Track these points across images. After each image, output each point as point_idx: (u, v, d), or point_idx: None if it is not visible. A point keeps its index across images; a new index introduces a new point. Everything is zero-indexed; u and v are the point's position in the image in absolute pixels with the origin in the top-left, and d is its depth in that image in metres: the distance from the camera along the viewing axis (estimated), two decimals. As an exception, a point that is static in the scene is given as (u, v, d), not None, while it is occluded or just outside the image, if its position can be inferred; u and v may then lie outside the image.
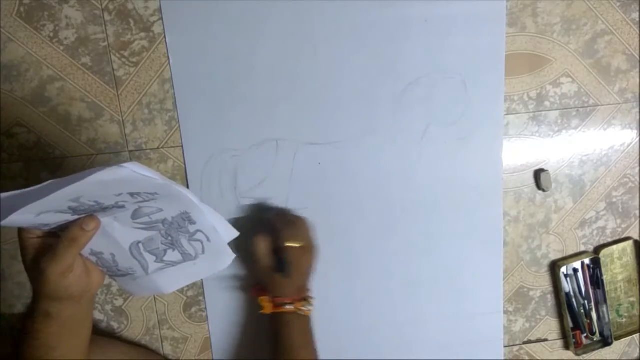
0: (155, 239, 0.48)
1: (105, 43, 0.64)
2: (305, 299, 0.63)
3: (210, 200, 0.68)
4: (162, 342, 0.73)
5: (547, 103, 0.71)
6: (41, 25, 0.63)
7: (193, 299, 0.72)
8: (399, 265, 0.73)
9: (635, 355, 0.83)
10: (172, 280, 0.52)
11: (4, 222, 0.40)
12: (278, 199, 0.69)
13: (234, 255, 0.52)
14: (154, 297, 0.72)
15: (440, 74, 0.68)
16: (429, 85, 0.68)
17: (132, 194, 0.43)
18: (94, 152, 0.67)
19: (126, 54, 0.65)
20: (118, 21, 0.64)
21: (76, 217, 0.44)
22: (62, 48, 0.64)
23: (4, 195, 0.40)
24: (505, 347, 0.79)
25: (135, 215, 0.46)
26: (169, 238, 0.48)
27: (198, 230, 0.48)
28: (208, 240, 0.49)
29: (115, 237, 0.47)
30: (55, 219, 0.44)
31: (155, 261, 0.49)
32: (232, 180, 0.68)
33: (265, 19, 0.65)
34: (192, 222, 0.47)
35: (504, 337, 0.78)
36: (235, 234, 0.52)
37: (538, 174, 0.73)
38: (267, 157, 0.68)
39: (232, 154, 0.67)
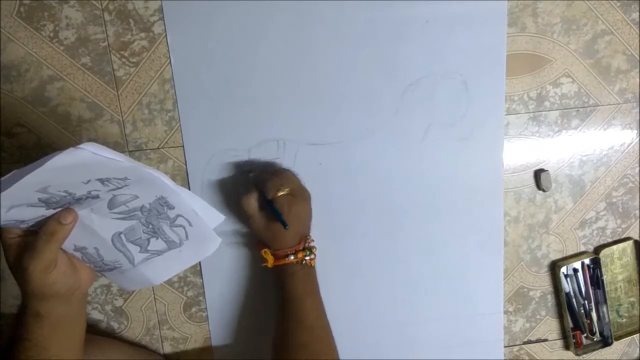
0: (137, 228, 0.47)
1: (105, 43, 0.64)
2: (307, 248, 0.62)
3: (210, 200, 0.68)
4: (162, 342, 0.73)
5: (547, 103, 0.71)
6: (41, 25, 0.63)
7: (193, 299, 0.72)
8: (399, 265, 0.73)
9: (635, 355, 0.83)
10: (159, 270, 0.51)
11: None
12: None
13: (219, 240, 0.51)
14: (154, 297, 0.72)
15: (441, 74, 0.68)
16: (429, 85, 0.68)
17: (101, 181, 0.42)
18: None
19: (126, 54, 0.65)
20: (118, 21, 0.64)
21: (52, 211, 0.43)
22: (62, 48, 0.64)
23: None
24: (505, 347, 0.79)
25: (111, 205, 0.45)
26: (150, 226, 0.47)
27: (178, 215, 0.47)
28: (190, 224, 0.48)
29: (95, 229, 0.46)
30: (30, 214, 0.43)
31: (140, 252, 0.48)
32: (233, 180, 0.68)
33: (266, 19, 0.64)
34: (171, 207, 0.46)
35: (504, 337, 0.78)
36: (220, 217, 0.50)
37: (538, 174, 0.73)
38: (268, 157, 0.68)
39: (233, 154, 0.67)
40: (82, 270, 0.48)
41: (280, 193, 0.59)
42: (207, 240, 0.50)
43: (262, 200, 0.60)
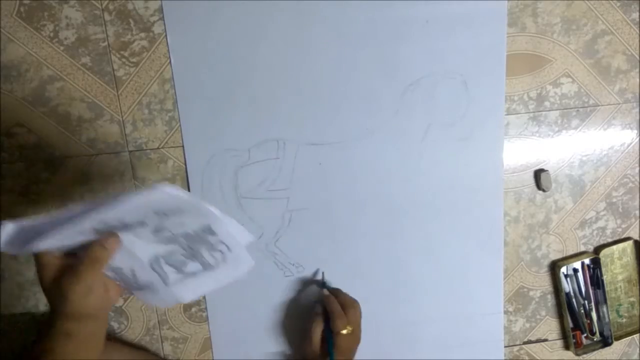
0: (176, 252, 0.47)
1: (105, 43, 0.64)
2: None
3: (210, 200, 0.68)
4: (162, 342, 0.73)
5: (547, 103, 0.71)
6: (41, 25, 0.63)
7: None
8: (400, 265, 0.73)
9: (635, 356, 0.83)
10: (191, 289, 0.51)
11: (30, 249, 0.40)
12: (279, 199, 0.69)
13: (253, 262, 0.51)
14: (154, 297, 0.72)
15: (441, 74, 0.68)
16: (429, 85, 0.68)
17: (156, 212, 0.42)
18: (94, 152, 0.67)
19: (126, 54, 0.65)
20: (118, 21, 0.64)
21: (98, 236, 0.44)
22: (62, 48, 0.64)
23: (29, 221, 0.40)
24: (505, 347, 0.79)
25: (156, 231, 0.45)
26: (190, 250, 0.48)
27: (219, 241, 0.48)
28: (229, 249, 0.49)
29: (135, 252, 0.46)
30: (76, 239, 0.43)
31: (175, 273, 0.49)
32: (233, 180, 0.68)
33: (266, 19, 0.64)
34: (213, 234, 0.47)
35: (504, 337, 0.78)
36: (250, 238, 0.51)
37: (538, 174, 0.73)
38: (268, 157, 0.68)
39: (233, 154, 0.67)
40: (112, 289, 0.49)
41: (344, 331, 0.63)
42: (241, 263, 0.51)
43: (326, 326, 0.65)
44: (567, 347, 0.80)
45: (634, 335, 0.80)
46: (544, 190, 0.73)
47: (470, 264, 0.74)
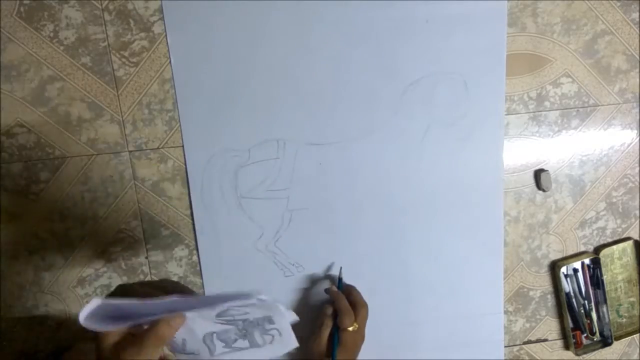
0: (230, 331, 0.49)
1: (105, 43, 0.64)
2: None
3: (210, 200, 0.68)
4: (162, 342, 0.73)
5: (547, 103, 0.71)
6: (41, 25, 0.63)
7: (193, 299, 0.72)
8: (399, 265, 0.73)
9: (635, 356, 0.83)
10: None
11: (107, 327, 0.42)
12: (279, 199, 0.69)
13: (297, 344, 0.53)
14: (154, 298, 0.71)
15: (441, 74, 0.68)
16: (429, 85, 0.68)
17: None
18: (94, 152, 0.67)
19: (126, 54, 0.65)
20: (118, 21, 0.64)
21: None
22: (62, 48, 0.64)
23: (117, 302, 0.41)
24: (505, 347, 0.79)
25: (221, 315, 0.47)
26: (244, 331, 0.50)
27: (274, 328, 0.50)
28: (280, 335, 0.51)
29: (193, 328, 0.47)
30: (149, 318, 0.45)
31: (223, 347, 0.51)
32: (233, 180, 0.68)
33: (266, 19, 0.64)
34: (271, 322, 0.49)
35: (504, 337, 0.78)
36: (295, 318, 0.53)
37: (538, 174, 0.73)
38: (268, 157, 0.68)
39: (233, 154, 0.67)
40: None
41: (350, 328, 0.64)
42: (286, 346, 0.53)
43: (333, 325, 0.66)
44: (567, 347, 0.80)
45: (634, 335, 0.80)
46: (544, 190, 0.73)
47: (470, 264, 0.74)
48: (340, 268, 0.71)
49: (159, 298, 0.43)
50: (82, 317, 0.41)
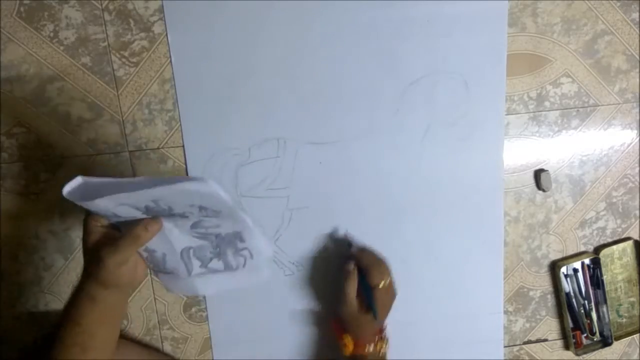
0: (205, 248, 0.52)
1: (105, 43, 0.64)
2: (383, 339, 0.65)
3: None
4: (162, 342, 0.73)
5: (547, 103, 0.71)
6: (41, 25, 0.63)
7: (193, 299, 0.72)
8: (399, 265, 0.72)
9: (635, 356, 0.83)
10: (210, 284, 0.55)
11: (89, 204, 0.45)
12: (279, 198, 0.69)
13: (270, 273, 0.55)
14: (154, 297, 0.72)
15: (442, 73, 0.68)
16: (430, 85, 0.68)
17: (201, 208, 0.47)
18: (94, 152, 0.67)
19: (126, 54, 0.65)
20: (118, 21, 0.64)
21: (144, 216, 0.48)
22: (62, 48, 0.64)
23: (97, 179, 0.44)
24: (505, 347, 0.79)
25: (194, 226, 0.50)
26: (217, 249, 0.52)
27: (245, 248, 0.52)
28: (251, 257, 0.53)
29: (171, 240, 0.51)
30: (127, 213, 0.47)
31: (199, 266, 0.53)
32: (233, 179, 0.68)
33: (266, 19, 0.65)
34: (242, 240, 0.52)
35: (504, 337, 0.78)
36: (271, 251, 0.56)
37: (538, 174, 0.73)
38: (268, 156, 0.68)
39: (233, 153, 0.67)
40: (140, 267, 0.52)
41: (381, 285, 0.62)
42: (259, 272, 0.55)
43: (360, 284, 0.63)
44: (567, 347, 0.80)
45: (634, 335, 0.80)
46: (544, 190, 0.73)
47: (470, 264, 0.74)
48: (346, 231, 0.70)
49: (129, 178, 0.47)
50: (65, 191, 0.45)
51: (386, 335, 0.66)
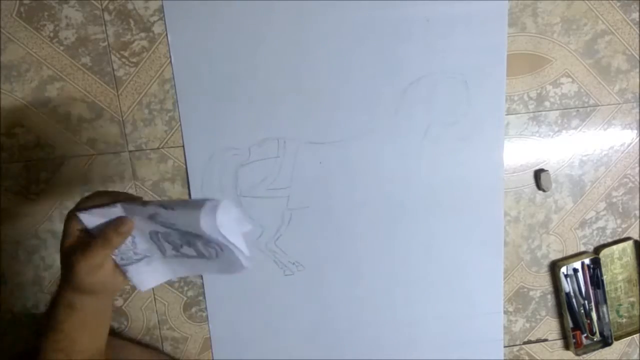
0: (173, 235, 0.50)
1: (105, 43, 0.64)
2: None
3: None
4: (162, 342, 0.73)
5: (547, 103, 0.71)
6: (41, 25, 0.63)
7: (193, 299, 0.72)
8: (399, 265, 0.73)
9: (635, 355, 0.83)
10: (186, 267, 0.53)
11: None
12: (279, 198, 0.69)
13: (246, 268, 0.51)
14: (154, 297, 0.72)
15: (442, 73, 0.68)
16: (430, 85, 0.68)
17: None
18: (94, 152, 0.67)
19: (126, 54, 0.65)
20: (118, 21, 0.64)
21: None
22: (62, 48, 0.64)
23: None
24: (505, 347, 0.79)
25: (153, 218, 0.48)
26: (185, 239, 0.50)
27: (211, 242, 0.49)
28: (221, 250, 0.50)
29: (137, 224, 0.49)
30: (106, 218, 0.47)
31: (172, 249, 0.51)
32: (233, 179, 0.68)
33: (266, 19, 0.65)
34: (207, 240, 0.49)
35: (504, 337, 0.78)
36: (249, 227, 0.52)
37: (538, 174, 0.73)
38: (268, 156, 0.68)
39: (233, 153, 0.67)
40: (119, 275, 0.50)
41: None
42: (234, 266, 0.51)
43: None
44: (567, 347, 0.80)
45: (634, 335, 0.80)
46: (544, 190, 0.73)
47: (470, 264, 0.74)
48: None
49: (108, 205, 0.47)
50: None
51: None
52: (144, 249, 0.51)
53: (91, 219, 0.47)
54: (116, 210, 0.47)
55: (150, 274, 0.53)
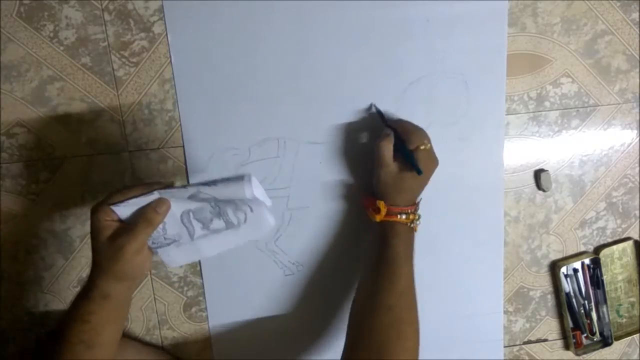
0: (205, 209, 0.53)
1: (105, 43, 0.64)
2: (415, 213, 0.62)
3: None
4: (162, 342, 0.73)
5: (547, 103, 0.71)
6: (41, 25, 0.63)
7: (193, 299, 0.72)
8: (399, 265, 0.73)
9: (635, 356, 0.83)
10: (214, 245, 0.56)
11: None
12: (279, 198, 0.69)
13: (273, 224, 0.55)
14: (154, 297, 0.72)
15: (442, 73, 0.68)
16: (430, 85, 0.68)
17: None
18: (94, 152, 0.67)
19: (126, 54, 0.65)
20: (118, 21, 0.64)
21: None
22: (62, 48, 0.64)
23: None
24: (505, 347, 0.79)
25: (192, 197, 0.52)
26: (217, 208, 0.53)
27: (245, 203, 0.53)
28: (251, 210, 0.54)
29: (170, 207, 0.52)
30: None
31: (201, 228, 0.54)
32: (233, 180, 0.68)
33: (267, 19, 0.65)
34: (238, 206, 0.53)
35: (504, 337, 0.78)
36: (269, 202, 0.56)
37: (538, 174, 0.73)
38: (268, 156, 0.68)
39: (233, 153, 0.67)
40: (149, 257, 0.53)
41: (422, 147, 0.60)
42: (262, 224, 0.55)
43: (399, 151, 0.61)
44: (567, 347, 0.80)
45: (634, 335, 0.80)
46: (544, 190, 0.73)
47: (470, 264, 0.74)
48: (372, 104, 0.67)
49: (144, 194, 0.51)
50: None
51: (419, 212, 0.63)
52: (174, 234, 0.54)
53: (125, 210, 0.50)
54: (152, 197, 0.51)
55: (178, 255, 0.57)
